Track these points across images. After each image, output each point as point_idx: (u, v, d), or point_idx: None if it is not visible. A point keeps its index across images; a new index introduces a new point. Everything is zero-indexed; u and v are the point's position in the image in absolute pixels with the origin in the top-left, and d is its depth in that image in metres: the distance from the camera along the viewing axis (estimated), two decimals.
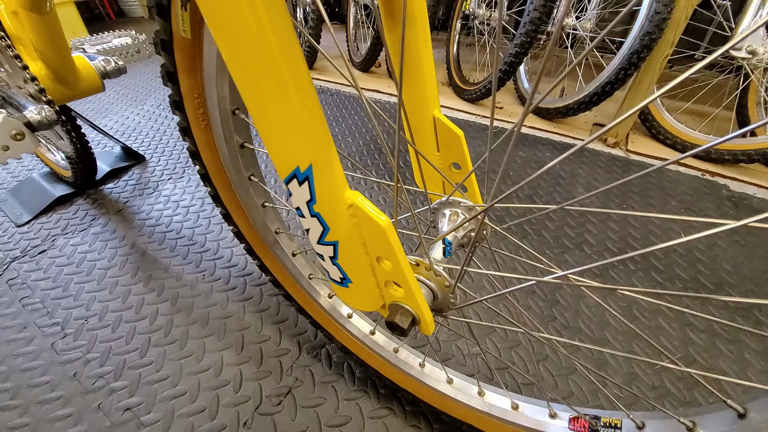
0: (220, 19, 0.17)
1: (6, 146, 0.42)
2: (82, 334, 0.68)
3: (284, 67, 0.18)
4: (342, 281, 0.26)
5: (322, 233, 0.23)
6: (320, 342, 0.66)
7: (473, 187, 0.36)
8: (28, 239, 0.92)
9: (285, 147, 0.20)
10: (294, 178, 0.20)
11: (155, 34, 0.31)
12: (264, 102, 0.18)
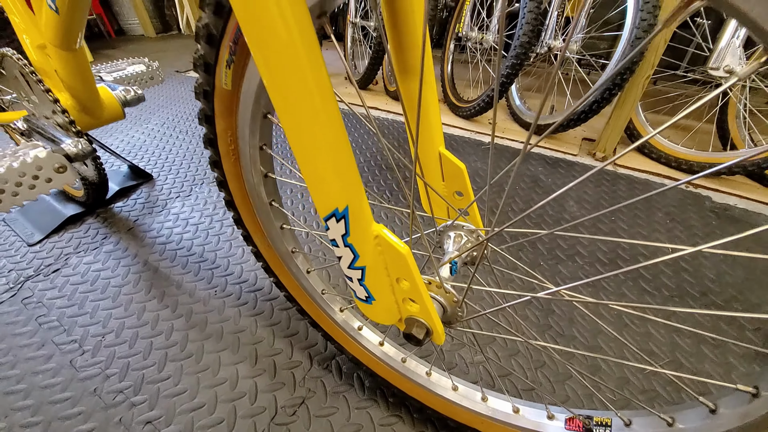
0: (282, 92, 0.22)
1: (49, 178, 0.46)
2: (100, 351, 0.71)
3: (330, 130, 0.22)
4: (367, 299, 0.31)
5: (353, 260, 0.28)
6: (330, 354, 0.69)
7: (474, 211, 0.40)
8: (41, 258, 0.95)
9: (327, 193, 0.24)
10: (333, 217, 0.25)
11: (198, 84, 0.35)
12: (314, 161, 0.23)
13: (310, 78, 0.21)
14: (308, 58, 0.21)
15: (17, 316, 0.80)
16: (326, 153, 0.23)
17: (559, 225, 1.03)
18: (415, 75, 0.33)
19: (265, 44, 0.21)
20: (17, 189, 0.43)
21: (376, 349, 0.58)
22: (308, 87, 0.21)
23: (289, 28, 0.20)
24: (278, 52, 0.21)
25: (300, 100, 0.21)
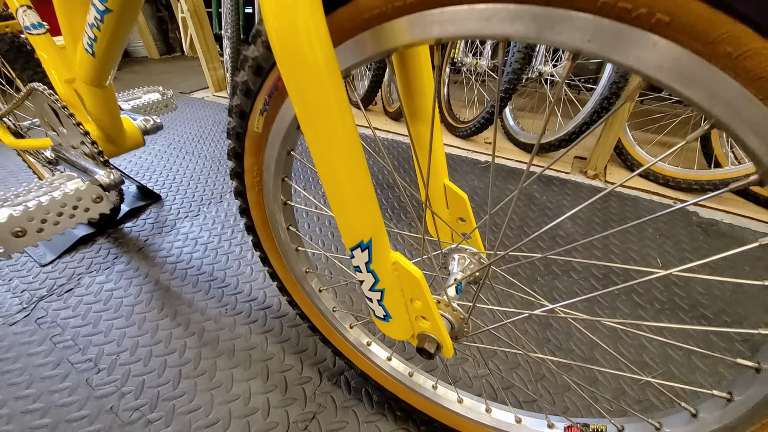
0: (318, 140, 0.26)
1: (87, 208, 0.50)
2: (115, 369, 0.73)
3: (358, 176, 0.27)
4: (384, 317, 0.35)
5: (374, 283, 0.32)
6: (339, 369, 0.72)
7: (476, 235, 0.45)
8: (54, 278, 0.97)
9: (354, 228, 0.28)
10: (359, 248, 0.29)
11: (231, 127, 0.40)
12: (343, 202, 0.27)
13: (342, 132, 0.26)
14: (342, 117, 0.26)
15: (32, 336, 0.82)
16: (354, 195, 0.27)
17: (555, 242, 1.07)
18: (423, 119, 0.38)
19: (307, 107, 0.25)
20: (58, 218, 0.47)
21: (384, 363, 0.61)
22: (341, 140, 0.26)
23: (327, 91, 0.25)
24: (318, 112, 0.25)
25: (334, 155, 0.26)
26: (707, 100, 0.19)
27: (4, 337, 0.82)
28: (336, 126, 0.26)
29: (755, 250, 1.06)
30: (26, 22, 0.64)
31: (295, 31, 0.23)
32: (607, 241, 1.08)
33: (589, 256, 1.01)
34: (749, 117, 0.18)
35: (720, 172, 1.31)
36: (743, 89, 0.18)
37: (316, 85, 0.24)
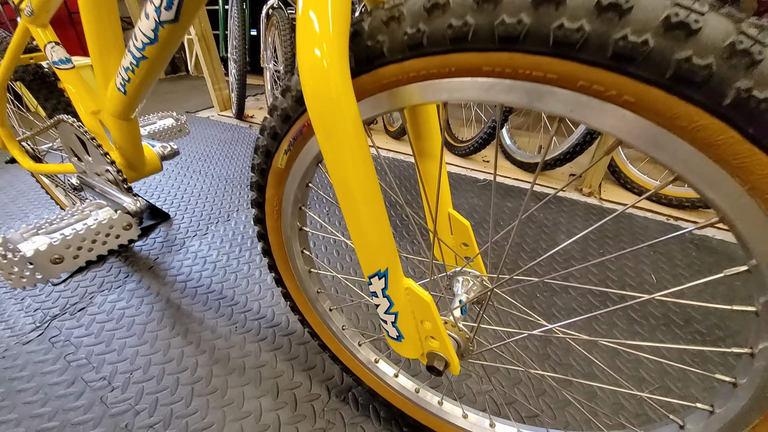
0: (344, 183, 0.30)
1: (118, 235, 0.53)
2: (129, 387, 0.75)
3: (377, 213, 0.31)
4: (397, 338, 0.38)
5: (389, 307, 0.35)
6: (347, 386, 0.74)
7: (478, 259, 0.48)
8: (66, 297, 1.00)
9: (373, 259, 0.32)
10: (376, 276, 0.33)
11: (256, 164, 0.44)
12: (364, 237, 0.31)
13: (365, 176, 0.30)
14: (364, 163, 0.30)
15: (46, 355, 0.84)
16: (373, 232, 0.31)
17: (553, 259, 1.11)
18: (431, 157, 0.42)
19: (335, 154, 0.29)
20: (92, 245, 0.51)
21: (391, 380, 0.64)
22: (363, 183, 0.30)
23: (351, 139, 0.29)
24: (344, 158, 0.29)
25: (357, 197, 0.30)
26: (669, 160, 0.23)
27: (19, 356, 0.84)
28: (359, 171, 0.30)
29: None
30: (54, 57, 0.69)
31: (327, 90, 0.27)
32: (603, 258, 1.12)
33: (586, 272, 1.05)
34: (704, 174, 0.23)
35: None
36: (698, 152, 0.22)
37: (342, 134, 0.28)
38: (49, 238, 0.47)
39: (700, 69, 0.19)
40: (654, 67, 0.20)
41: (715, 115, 0.20)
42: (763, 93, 0.19)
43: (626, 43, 0.19)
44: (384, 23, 0.26)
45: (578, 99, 0.23)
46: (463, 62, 0.25)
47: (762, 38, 0.19)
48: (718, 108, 0.20)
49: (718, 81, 0.19)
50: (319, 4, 0.26)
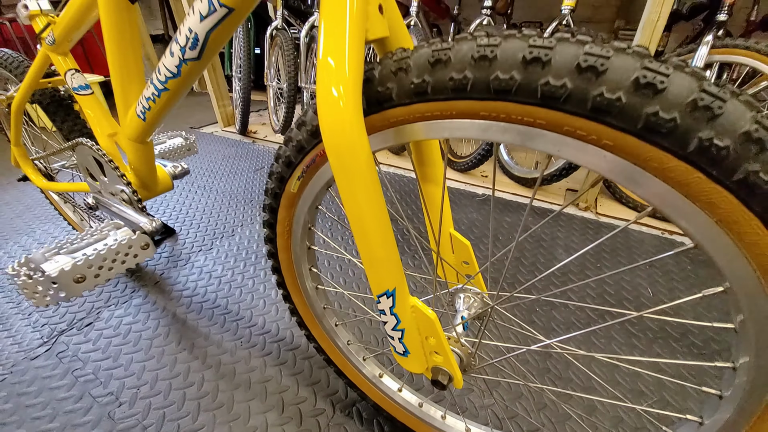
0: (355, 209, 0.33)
1: (136, 254, 0.56)
2: (136, 403, 0.76)
3: (385, 238, 0.33)
4: (404, 353, 0.40)
5: (396, 324, 0.37)
6: (351, 401, 0.76)
7: (478, 277, 0.51)
8: (74, 312, 1.01)
9: (382, 279, 0.35)
10: (384, 295, 0.35)
11: (270, 188, 0.47)
12: (374, 261, 0.34)
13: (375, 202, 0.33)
14: (374, 189, 0.32)
15: (53, 370, 0.85)
16: (383, 254, 0.34)
17: (551, 275, 1.13)
18: (433, 182, 0.46)
19: (348, 181, 0.32)
20: (112, 264, 0.53)
21: (395, 395, 0.66)
22: (373, 208, 0.33)
23: (362, 168, 0.32)
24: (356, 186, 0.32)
25: (368, 222, 0.33)
26: (646, 195, 0.26)
27: (27, 371, 0.85)
28: (370, 199, 0.32)
29: None
30: (74, 84, 0.73)
31: (342, 126, 0.30)
32: (600, 272, 1.14)
33: (585, 287, 1.07)
34: (677, 207, 0.26)
35: None
36: (671, 189, 0.25)
37: (355, 165, 0.31)
38: (72, 258, 0.49)
39: (666, 122, 0.22)
40: (627, 119, 0.23)
41: (682, 159, 0.23)
42: (724, 141, 0.22)
43: (602, 98, 0.23)
44: (393, 73, 0.30)
45: (564, 141, 0.26)
46: (463, 108, 0.28)
47: (722, 95, 0.22)
48: (684, 153, 0.23)
49: (682, 131, 0.22)
50: (337, 52, 0.29)
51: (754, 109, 0.22)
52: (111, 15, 0.51)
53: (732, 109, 0.22)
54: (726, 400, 0.35)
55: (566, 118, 0.25)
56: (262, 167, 1.94)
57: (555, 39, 0.24)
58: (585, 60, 0.22)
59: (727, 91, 0.22)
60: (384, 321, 0.38)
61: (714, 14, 1.34)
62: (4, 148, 2.39)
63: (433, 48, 0.28)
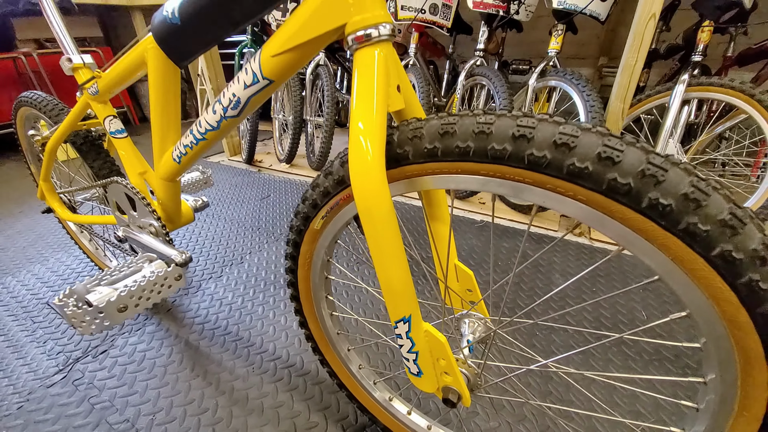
0: (378, 247, 0.39)
1: (170, 285, 0.61)
2: (152, 429, 0.79)
3: (404, 271, 0.39)
4: (417, 373, 0.45)
5: (411, 347, 0.43)
6: (361, 425, 0.78)
7: (481, 303, 0.57)
8: (88, 340, 1.04)
9: (399, 308, 0.41)
10: (401, 321, 0.41)
11: (295, 225, 0.53)
12: (394, 293, 0.40)
13: (394, 240, 0.39)
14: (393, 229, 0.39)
15: (70, 398, 0.88)
16: (401, 286, 0.40)
17: (550, 298, 1.18)
18: (440, 221, 0.52)
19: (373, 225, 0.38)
20: (150, 295, 0.58)
21: (404, 418, 0.69)
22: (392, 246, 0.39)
23: (384, 212, 0.38)
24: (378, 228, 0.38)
25: (388, 259, 0.39)
26: (615, 237, 0.32)
27: (43, 399, 0.88)
28: (390, 237, 0.39)
29: None
30: (112, 128, 0.81)
31: (369, 178, 0.37)
32: (596, 296, 1.19)
33: (581, 310, 1.12)
34: (640, 248, 0.32)
35: None
36: (633, 233, 0.32)
37: (378, 209, 0.38)
38: (114, 289, 0.54)
39: (623, 185, 0.29)
40: (594, 182, 0.30)
41: (638, 212, 0.30)
42: (667, 200, 0.28)
43: (574, 167, 0.29)
44: (409, 138, 0.37)
45: (548, 195, 0.33)
46: (466, 167, 0.35)
47: (664, 165, 0.29)
48: (639, 208, 0.29)
49: (636, 192, 0.29)
50: (366, 120, 0.37)
51: (692, 175, 0.29)
52: (158, 76, 0.59)
53: (673, 175, 0.29)
54: (702, 412, 0.40)
55: (548, 179, 0.31)
56: (268, 195, 2.02)
57: (537, 119, 0.31)
58: (560, 138, 0.29)
59: (668, 162, 0.29)
60: (400, 344, 0.43)
61: (689, 54, 1.47)
62: (11, 177, 2.46)
63: (442, 122, 0.35)
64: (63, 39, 0.75)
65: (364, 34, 0.36)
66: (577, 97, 1.42)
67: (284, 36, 0.41)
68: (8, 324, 1.15)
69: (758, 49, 1.70)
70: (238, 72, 0.47)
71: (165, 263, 0.63)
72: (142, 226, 0.78)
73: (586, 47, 2.72)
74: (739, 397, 0.35)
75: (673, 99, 1.40)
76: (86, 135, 0.94)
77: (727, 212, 0.27)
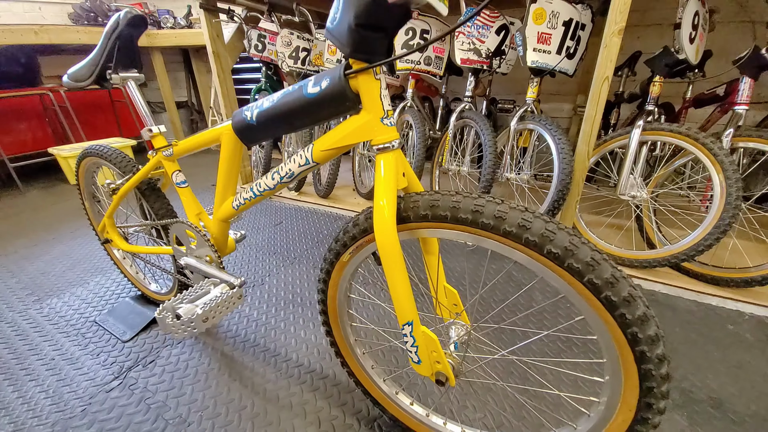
0: (392, 275, 0.60)
1: (234, 303, 0.81)
2: (202, 422, 0.96)
3: (408, 288, 0.60)
4: (417, 362, 0.65)
5: (413, 343, 0.63)
6: (373, 417, 0.97)
7: (463, 314, 0.77)
8: (137, 352, 1.22)
9: (405, 315, 0.61)
10: (407, 324, 0.61)
11: (327, 260, 0.75)
12: (401, 302, 0.61)
13: (402, 271, 0.60)
14: (401, 263, 0.60)
15: (128, 400, 1.05)
16: (406, 301, 0.61)
17: (528, 311, 1.37)
18: (433, 255, 0.74)
19: (388, 260, 0.60)
20: (220, 310, 0.78)
21: (408, 408, 0.88)
22: (401, 274, 0.60)
23: (394, 252, 0.59)
24: (392, 263, 0.60)
25: (399, 282, 0.60)
26: (536, 270, 0.54)
27: (104, 401, 1.05)
28: (399, 268, 0.60)
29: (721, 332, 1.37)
30: (177, 180, 1.03)
31: (386, 230, 0.58)
32: (569, 311, 1.39)
33: (542, 318, 1.31)
34: (551, 277, 0.53)
35: (656, 252, 1.67)
36: (545, 269, 0.53)
37: (391, 250, 0.59)
38: (196, 305, 0.74)
39: (532, 241, 0.50)
40: (516, 237, 0.51)
41: (544, 256, 0.51)
42: (556, 249, 0.50)
43: (529, 239, 0.51)
44: (411, 207, 0.59)
45: (513, 252, 0.55)
46: (446, 226, 0.57)
47: (554, 230, 0.51)
48: (543, 253, 0.51)
49: (540, 244, 0.50)
50: (387, 195, 0.59)
51: (571, 235, 0.51)
52: (230, 150, 0.82)
53: (560, 236, 0.50)
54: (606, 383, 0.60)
55: (492, 235, 0.53)
56: (281, 222, 2.23)
57: (509, 207, 0.53)
58: (521, 221, 0.51)
59: (557, 227, 0.51)
60: (405, 341, 0.64)
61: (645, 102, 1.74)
62: (38, 206, 2.66)
63: (431, 198, 0.57)
64: (145, 115, 0.98)
65: (384, 146, 0.59)
66: (551, 140, 1.67)
67: (330, 140, 0.64)
68: (60, 340, 1.33)
69: (709, 95, 1.97)
70: (293, 156, 0.70)
71: (228, 286, 0.83)
72: (199, 256, 0.98)
73: (566, 85, 3.02)
74: (623, 372, 0.55)
75: (631, 141, 1.65)
76: (149, 182, 1.16)
77: (589, 257, 0.49)
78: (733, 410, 1.03)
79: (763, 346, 1.28)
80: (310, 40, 2.41)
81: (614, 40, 1.35)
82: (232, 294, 0.80)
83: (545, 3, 1.58)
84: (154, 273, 1.56)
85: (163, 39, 3.68)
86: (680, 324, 1.35)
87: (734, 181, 1.43)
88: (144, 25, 0.90)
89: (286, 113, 0.65)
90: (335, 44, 0.53)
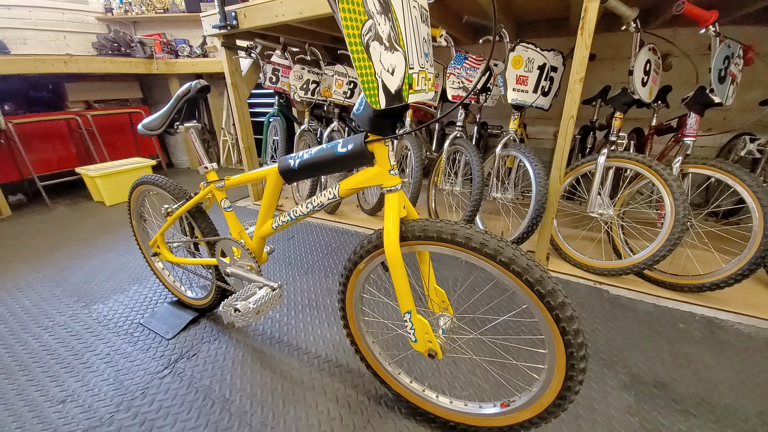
0: (396, 278, 0.86)
1: (274, 301, 1.05)
2: (243, 400, 1.20)
3: (407, 286, 0.86)
4: (415, 341, 0.90)
5: (411, 326, 0.88)
6: (380, 394, 1.20)
7: (449, 309, 1.02)
8: (180, 347, 1.46)
9: (406, 305, 0.86)
10: (407, 313, 0.86)
11: (347, 266, 1.00)
12: (403, 296, 0.86)
13: (403, 275, 0.86)
14: (403, 269, 0.86)
15: (179, 384, 1.29)
16: (405, 296, 0.86)
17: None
18: (425, 263, 0.99)
19: (394, 268, 0.86)
20: (267, 306, 1.02)
21: (408, 384, 1.12)
22: (403, 278, 0.86)
23: (398, 262, 0.85)
24: (396, 269, 0.86)
25: (401, 284, 0.86)
26: (494, 275, 0.80)
27: (159, 386, 1.29)
28: (401, 273, 0.86)
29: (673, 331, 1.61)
30: (224, 205, 1.29)
31: (392, 245, 0.84)
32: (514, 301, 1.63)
33: (502, 307, 1.56)
34: (502, 279, 0.79)
35: (622, 262, 1.93)
36: (500, 273, 0.79)
37: (396, 259, 0.85)
38: (249, 302, 0.99)
39: (489, 254, 0.77)
40: (479, 252, 0.77)
41: (498, 265, 0.77)
42: (506, 259, 0.76)
43: (503, 261, 0.77)
44: (409, 230, 0.85)
45: (468, 257, 0.81)
46: (435, 243, 0.83)
47: (503, 246, 0.77)
48: (497, 261, 0.77)
49: (496, 256, 0.77)
50: (392, 221, 0.85)
51: (516, 250, 0.77)
52: (273, 186, 1.08)
53: (508, 250, 0.76)
54: (546, 355, 0.85)
55: (479, 255, 0.79)
56: (292, 236, 2.48)
57: (475, 231, 0.79)
58: (482, 240, 0.77)
59: (506, 245, 0.77)
60: (406, 325, 0.89)
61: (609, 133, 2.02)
62: (68, 221, 2.90)
63: (423, 224, 0.83)
64: (202, 156, 1.25)
65: (390, 189, 0.86)
66: (529, 166, 1.94)
67: (352, 183, 0.90)
68: (112, 339, 1.56)
69: (666, 126, 2.27)
70: (319, 194, 0.96)
71: (270, 288, 1.08)
72: (241, 266, 1.24)
73: (551, 110, 3.33)
74: (555, 343, 0.80)
75: (597, 167, 1.93)
76: (197, 206, 1.42)
77: (525, 263, 0.75)
78: (675, 392, 1.27)
79: (708, 342, 1.52)
80: (320, 74, 2.72)
81: (576, 86, 1.64)
82: (274, 294, 1.05)
83: (522, 51, 1.88)
84: (191, 282, 1.81)
85: (181, 67, 4.00)
86: (638, 323, 1.60)
87: (681, 201, 1.70)
88: (208, 90, 1.17)
89: (322, 164, 0.92)
90: (360, 124, 0.81)
